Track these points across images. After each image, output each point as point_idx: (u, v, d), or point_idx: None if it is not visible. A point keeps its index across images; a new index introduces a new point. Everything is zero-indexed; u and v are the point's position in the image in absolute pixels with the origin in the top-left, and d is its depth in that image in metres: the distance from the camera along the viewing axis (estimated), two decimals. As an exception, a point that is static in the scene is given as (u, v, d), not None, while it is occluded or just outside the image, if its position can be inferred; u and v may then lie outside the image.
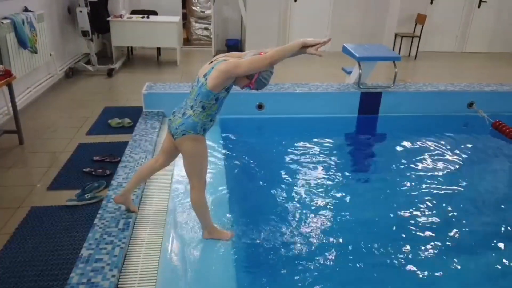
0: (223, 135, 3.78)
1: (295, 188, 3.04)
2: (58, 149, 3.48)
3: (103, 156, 3.29)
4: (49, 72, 5.24)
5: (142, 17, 6.43)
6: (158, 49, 7.13)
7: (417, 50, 7.94)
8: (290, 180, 3.15)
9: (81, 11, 5.57)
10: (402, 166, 3.47)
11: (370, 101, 4.41)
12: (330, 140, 3.93)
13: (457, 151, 3.76)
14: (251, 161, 3.45)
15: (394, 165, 3.52)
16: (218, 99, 2.03)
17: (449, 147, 3.84)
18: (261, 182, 3.14)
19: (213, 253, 2.24)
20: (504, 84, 4.82)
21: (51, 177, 3.00)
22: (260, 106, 4.29)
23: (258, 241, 2.40)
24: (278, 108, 4.31)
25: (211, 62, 2.04)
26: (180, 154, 2.22)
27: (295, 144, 3.78)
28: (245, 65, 1.94)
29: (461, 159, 3.64)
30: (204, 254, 2.23)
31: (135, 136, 3.47)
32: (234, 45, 7.88)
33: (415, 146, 3.88)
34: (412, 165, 3.47)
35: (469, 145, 3.96)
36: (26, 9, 4.49)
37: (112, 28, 6.18)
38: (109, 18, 6.17)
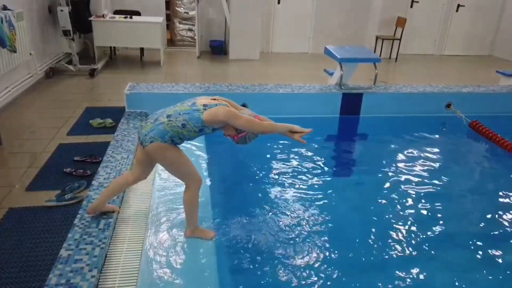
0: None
1: (278, 187, 3.06)
2: (38, 149, 3.42)
3: (84, 156, 3.25)
4: (29, 72, 5.15)
5: (125, 17, 6.37)
6: (142, 49, 7.09)
7: (397, 52, 8.10)
8: (273, 180, 3.18)
9: (62, 10, 5.50)
10: (383, 166, 3.54)
11: (351, 102, 4.48)
12: (313, 140, 3.97)
13: (436, 150, 3.86)
14: (234, 161, 3.46)
15: (375, 165, 3.59)
16: (201, 130, 2.07)
17: (428, 146, 3.93)
18: (244, 182, 3.16)
19: (195, 253, 2.24)
20: (481, 85, 4.96)
21: (30, 178, 2.95)
22: (243, 106, 4.30)
23: (240, 241, 2.41)
24: (261, 108, 4.29)
25: (214, 99, 2.11)
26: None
27: (278, 144, 3.81)
28: (244, 121, 2.04)
29: (439, 158, 3.73)
30: (186, 254, 2.23)
31: (117, 136, 3.44)
32: (218, 46, 7.89)
33: (396, 146, 3.96)
34: (392, 164, 3.54)
35: (447, 145, 4.07)
36: (4, 7, 4.40)
37: (94, 28, 6.11)
38: (91, 18, 6.10)
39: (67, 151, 3.38)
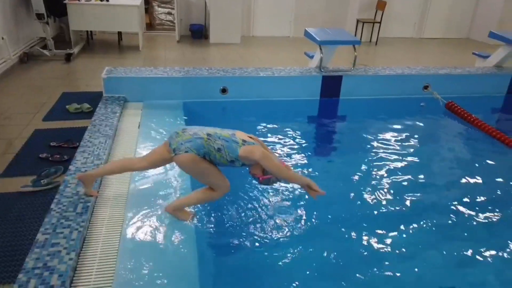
0: (186, 119, 3.76)
1: None
2: (13, 135, 3.34)
3: (60, 142, 3.20)
4: (2, 57, 4.99)
5: (102, 0, 6.20)
6: (120, 33, 6.93)
7: (377, 35, 8.15)
8: None
9: (34, -7, 5.31)
10: (362, 147, 3.58)
11: (331, 85, 4.50)
12: (293, 123, 4.00)
13: (414, 131, 3.94)
14: None
15: (355, 146, 3.64)
16: (232, 162, 2.12)
17: (406, 127, 4.01)
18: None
19: (175, 236, 2.23)
20: (458, 67, 5.05)
21: (5, 164, 2.88)
22: (223, 90, 4.29)
23: (220, 224, 2.41)
24: (241, 92, 4.33)
25: (251, 137, 2.20)
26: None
27: (259, 128, 3.82)
28: (274, 166, 2.09)
29: (417, 138, 3.80)
30: (166, 238, 2.21)
31: (94, 121, 3.39)
32: (198, 30, 7.78)
33: (375, 128, 4.01)
34: (371, 146, 3.59)
35: (425, 125, 4.15)
36: (-28, -11, 4.23)
37: (70, 11, 5.93)
38: (66, 1, 5.91)
39: (43, 136, 3.32)
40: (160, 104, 4.05)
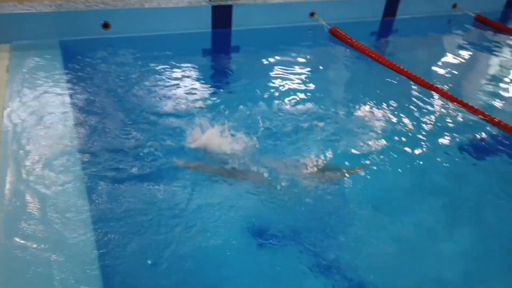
0: (65, 61, 3.40)
1: (152, 113, 2.89)
2: None
3: None
4: None
5: None
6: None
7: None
8: (147, 106, 2.97)
9: None
10: (257, 78, 3.65)
11: (222, 15, 4.41)
12: (187, 58, 3.89)
13: (303, 58, 4.13)
14: (101, 90, 3.10)
15: (251, 78, 3.66)
16: None
17: (296, 54, 4.18)
18: (115, 115, 2.84)
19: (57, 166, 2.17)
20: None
21: None
22: (105, 25, 3.94)
23: (111, 170, 2.29)
24: (126, 27, 4.04)
25: None
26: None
27: (150, 65, 3.60)
28: None
29: (306, 64, 4.00)
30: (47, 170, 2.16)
31: None
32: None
33: (268, 57, 4.08)
34: (266, 76, 3.69)
35: (312, 51, 4.38)
36: None
37: None
38: None
39: None
40: (32, 44, 3.60)
